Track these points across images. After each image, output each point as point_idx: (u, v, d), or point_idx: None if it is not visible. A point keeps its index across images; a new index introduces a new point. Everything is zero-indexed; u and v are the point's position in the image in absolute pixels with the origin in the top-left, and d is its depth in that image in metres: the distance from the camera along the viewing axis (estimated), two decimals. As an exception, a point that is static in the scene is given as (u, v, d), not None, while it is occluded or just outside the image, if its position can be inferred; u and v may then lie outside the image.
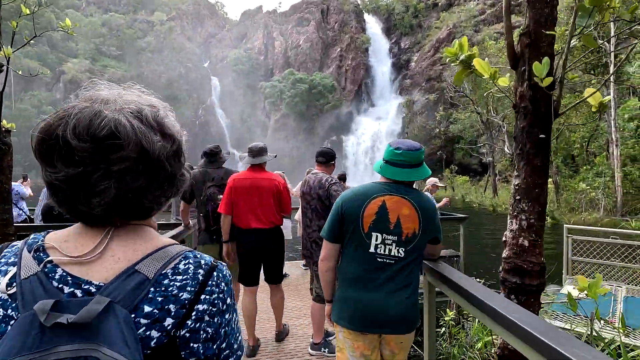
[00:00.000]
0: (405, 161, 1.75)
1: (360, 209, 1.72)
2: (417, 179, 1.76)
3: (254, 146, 3.30)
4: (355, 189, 1.79)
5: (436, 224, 1.77)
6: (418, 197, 1.75)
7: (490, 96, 22.64)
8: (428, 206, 1.74)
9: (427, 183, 5.47)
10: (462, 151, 34.48)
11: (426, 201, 1.76)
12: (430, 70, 50.30)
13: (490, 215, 18.23)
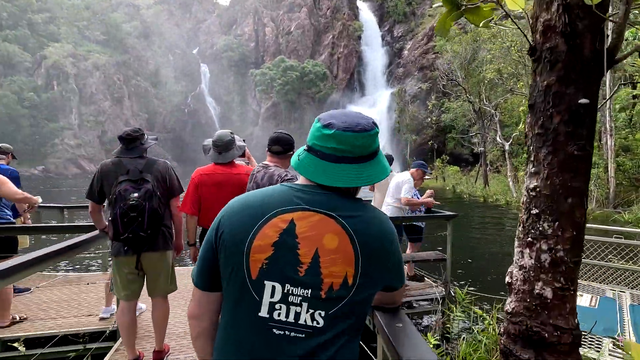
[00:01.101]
0: (341, 150, 0.94)
1: (246, 236, 0.91)
2: (364, 183, 0.95)
3: (220, 139, 2.86)
4: (245, 197, 0.99)
5: (391, 265, 0.96)
6: (360, 217, 0.93)
7: (483, 84, 22.15)
8: (378, 234, 0.93)
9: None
10: (453, 141, 34.13)
11: (376, 224, 0.94)
12: (423, 59, 49.59)
13: (481, 207, 17.92)
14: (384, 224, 0.95)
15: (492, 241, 10.05)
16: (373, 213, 0.95)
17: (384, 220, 0.95)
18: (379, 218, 0.95)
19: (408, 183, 4.57)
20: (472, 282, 6.20)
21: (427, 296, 4.24)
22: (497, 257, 8.30)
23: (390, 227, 0.95)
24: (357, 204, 0.95)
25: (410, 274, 4.84)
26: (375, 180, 0.96)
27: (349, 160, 0.94)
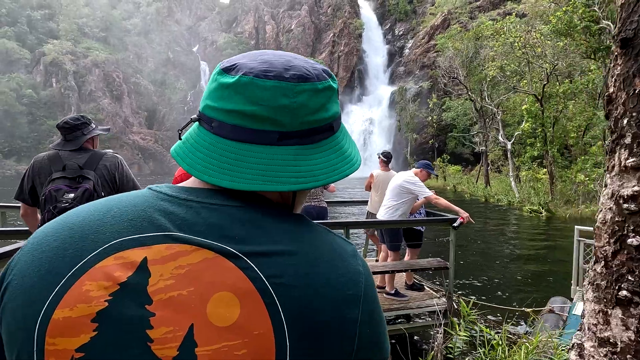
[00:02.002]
0: (256, 116, 0.48)
1: (40, 303, 0.42)
2: (304, 185, 0.48)
3: None
4: (62, 218, 0.48)
5: (360, 350, 0.45)
6: (290, 255, 0.45)
7: (485, 82, 21.73)
8: (330, 291, 0.44)
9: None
10: (454, 140, 33.70)
11: (326, 269, 0.46)
12: (424, 57, 49.17)
13: (482, 206, 17.52)
14: (343, 268, 0.46)
15: (495, 243, 9.66)
16: (319, 246, 0.47)
17: (345, 258, 0.48)
18: (334, 254, 0.47)
19: (418, 182, 4.09)
20: (474, 291, 5.82)
21: (426, 308, 3.86)
22: (502, 262, 7.90)
23: (357, 271, 0.47)
24: (288, 227, 0.48)
25: (409, 282, 4.46)
26: (329, 180, 0.50)
27: (274, 138, 0.48)
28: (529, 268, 7.57)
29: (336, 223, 4.05)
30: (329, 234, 0.51)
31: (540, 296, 5.44)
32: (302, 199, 0.57)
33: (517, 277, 6.93)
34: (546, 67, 17.18)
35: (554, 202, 15.94)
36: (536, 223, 13.24)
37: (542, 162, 19.81)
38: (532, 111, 17.49)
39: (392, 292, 4.13)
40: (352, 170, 0.54)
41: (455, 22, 42.07)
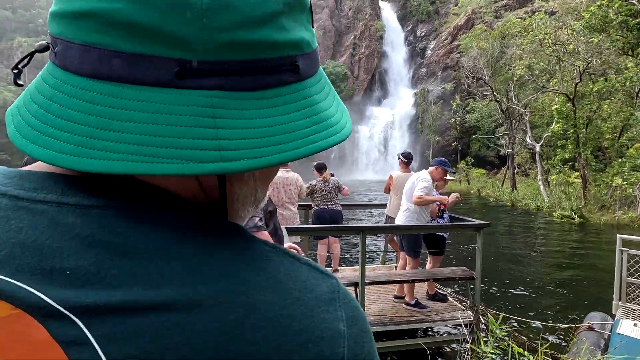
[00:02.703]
0: (116, 19, 0.27)
1: None
2: (225, 165, 0.28)
3: None
4: None
5: None
6: (202, 315, 0.26)
7: (511, 81, 20.91)
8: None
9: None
10: (478, 143, 32.71)
11: (239, 339, 0.27)
12: (447, 58, 48.27)
13: (509, 211, 16.77)
14: (308, 328, 0.28)
15: (523, 251, 9.11)
16: (262, 287, 0.28)
17: (312, 309, 0.29)
18: (290, 302, 0.29)
19: (424, 182, 3.86)
20: (502, 303, 5.42)
21: (450, 321, 3.55)
22: (531, 271, 7.41)
23: (335, 332, 0.29)
24: (198, 251, 0.28)
25: (431, 292, 4.15)
26: (286, 156, 0.30)
27: (169, 72, 0.28)
28: (562, 279, 7.05)
29: (352, 227, 3.83)
30: (290, 263, 0.31)
31: (576, 311, 4.98)
32: (252, 194, 0.36)
33: (549, 288, 6.44)
34: (579, 65, 16.30)
35: (588, 208, 15.05)
36: (568, 229, 12.49)
37: (574, 165, 18.84)
38: (563, 111, 16.64)
39: (412, 302, 3.84)
40: (333, 140, 0.32)
41: (480, 22, 41.02)
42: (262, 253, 0.30)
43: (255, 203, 0.38)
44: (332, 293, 0.31)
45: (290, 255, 0.32)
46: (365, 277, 3.31)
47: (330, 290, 0.31)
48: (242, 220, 0.38)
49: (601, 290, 5.75)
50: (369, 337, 0.31)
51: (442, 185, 4.15)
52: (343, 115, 0.36)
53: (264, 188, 0.38)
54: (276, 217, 1.82)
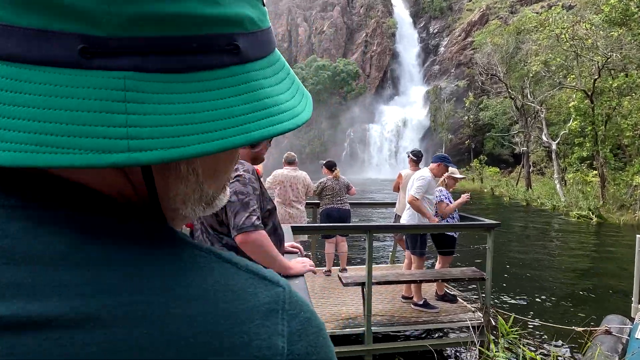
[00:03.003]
0: None
1: None
2: (134, 157, 0.24)
3: None
4: None
5: None
6: (96, 334, 0.22)
7: (527, 78, 20.43)
8: None
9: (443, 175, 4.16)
10: (492, 141, 32.11)
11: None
12: (460, 55, 47.55)
13: (523, 211, 16.41)
14: (235, 344, 0.25)
15: (538, 251, 8.89)
16: (180, 296, 0.25)
17: (244, 322, 0.26)
18: (216, 314, 0.25)
19: (419, 180, 3.80)
20: (514, 305, 5.28)
21: (460, 323, 3.47)
22: (546, 273, 7.21)
23: (268, 351, 0.26)
24: (103, 257, 0.25)
25: (440, 292, 4.07)
26: (216, 145, 0.26)
27: (72, 50, 0.24)
28: (578, 280, 6.85)
29: (359, 227, 3.78)
30: (223, 270, 0.28)
31: (593, 314, 4.82)
32: (196, 191, 0.32)
33: (564, 290, 6.26)
34: (597, 60, 15.80)
35: (606, 207, 14.60)
36: (585, 230, 12.14)
37: (592, 163, 18.30)
38: (581, 108, 16.17)
39: (420, 302, 3.77)
40: (277, 129, 0.29)
41: (495, 17, 40.24)
42: (188, 259, 0.27)
43: (203, 201, 0.34)
44: (274, 304, 0.28)
45: (228, 261, 0.29)
46: (372, 277, 3.26)
47: (271, 300, 0.28)
48: (187, 220, 0.36)
49: (620, 292, 5.55)
50: (322, 355, 0.28)
51: (452, 184, 4.06)
52: (302, 103, 0.33)
53: (215, 184, 0.34)
54: (275, 215, 1.78)
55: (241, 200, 1.55)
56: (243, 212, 1.52)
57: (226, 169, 0.35)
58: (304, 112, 0.32)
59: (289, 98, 0.31)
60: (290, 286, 0.30)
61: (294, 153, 4.86)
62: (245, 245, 1.52)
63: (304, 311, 0.29)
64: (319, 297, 4.10)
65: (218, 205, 0.37)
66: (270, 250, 1.54)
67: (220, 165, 0.34)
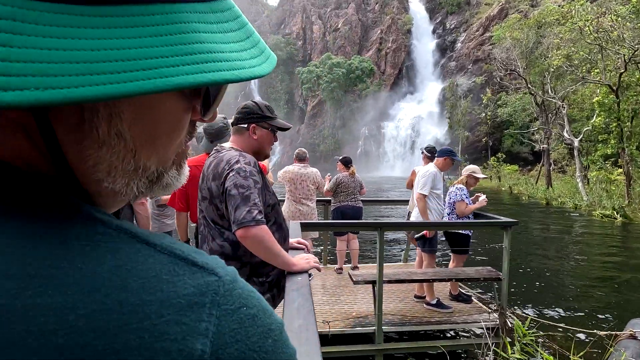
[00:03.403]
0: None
1: None
2: (10, 96, 0.20)
3: (210, 125, 2.54)
4: None
5: None
6: None
7: (548, 73, 19.78)
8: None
9: (463, 172, 4.05)
10: (511, 138, 31.33)
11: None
12: (478, 50, 46.61)
13: (543, 210, 15.93)
14: (132, 339, 0.21)
15: (558, 252, 8.59)
16: (63, 276, 0.21)
17: (159, 315, 0.22)
18: (113, 300, 0.22)
19: (424, 177, 3.74)
20: (532, 307, 5.10)
21: (474, 324, 3.36)
22: (566, 274, 6.96)
23: (186, 352, 0.22)
24: None
25: (454, 292, 3.96)
26: (125, 88, 0.23)
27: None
28: (602, 282, 6.57)
29: (369, 224, 3.70)
30: (133, 252, 0.24)
31: (616, 317, 4.61)
32: (126, 158, 0.28)
33: (586, 291, 6.02)
34: (624, 53, 15.13)
35: (632, 207, 14.01)
36: (609, 230, 11.68)
37: (617, 161, 17.59)
38: (606, 104, 15.54)
39: (432, 302, 3.67)
40: (205, 77, 0.25)
41: (514, 11, 39.19)
42: (84, 238, 0.23)
43: (143, 176, 0.30)
44: (200, 295, 0.23)
45: (144, 242, 0.25)
46: (383, 275, 3.19)
47: (196, 291, 0.23)
48: (124, 198, 0.31)
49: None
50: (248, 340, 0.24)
51: (473, 183, 3.94)
52: (258, 59, 0.29)
53: (156, 155, 0.30)
54: (279, 210, 1.74)
55: (241, 193, 1.50)
56: (243, 206, 1.48)
57: (168, 137, 0.30)
58: (257, 68, 0.29)
59: (235, 49, 0.28)
60: (234, 275, 0.26)
61: (307, 150, 4.82)
62: (245, 240, 1.48)
63: (248, 306, 0.25)
64: (329, 295, 4.06)
65: (172, 185, 0.33)
66: (271, 245, 1.49)
67: (157, 131, 0.29)
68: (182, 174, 0.34)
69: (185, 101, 0.30)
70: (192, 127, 0.34)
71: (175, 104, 0.30)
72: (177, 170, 0.33)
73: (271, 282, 1.64)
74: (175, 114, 0.30)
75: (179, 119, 0.31)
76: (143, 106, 0.27)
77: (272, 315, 0.27)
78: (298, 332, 0.92)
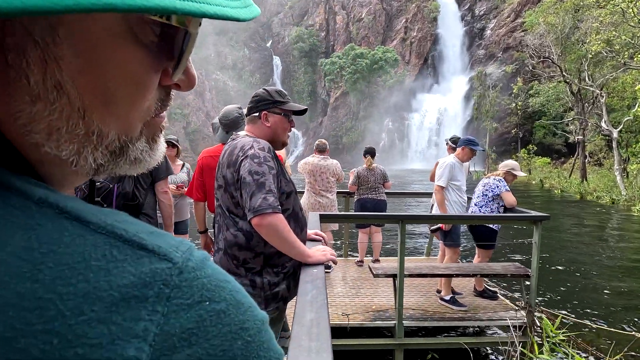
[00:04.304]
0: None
1: None
2: None
3: (225, 115, 2.59)
4: None
5: None
6: None
7: (585, 60, 18.64)
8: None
9: (501, 167, 3.86)
10: (543, 129, 29.95)
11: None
12: (508, 38, 44.70)
13: (577, 205, 15.16)
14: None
15: (592, 249, 8.16)
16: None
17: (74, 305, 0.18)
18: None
19: (443, 168, 3.61)
20: (562, 306, 4.86)
21: (500, 322, 3.23)
22: (601, 272, 6.59)
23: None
24: None
25: (479, 288, 3.82)
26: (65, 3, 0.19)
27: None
28: (639, 283, 6.18)
29: (391, 216, 3.62)
30: (57, 230, 0.20)
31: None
32: (72, 113, 0.24)
33: (624, 291, 5.68)
34: (671, 37, 14.04)
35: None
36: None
37: (660, 153, 16.45)
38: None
39: (446, 298, 3.56)
40: (195, 7, 0.22)
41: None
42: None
43: (100, 144, 0.25)
44: (144, 287, 0.19)
45: (75, 218, 0.20)
46: (404, 269, 3.11)
47: (139, 280, 0.19)
48: (66, 167, 0.25)
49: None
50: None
51: (510, 180, 3.76)
52: (236, 2, 0.26)
53: (114, 119, 0.25)
54: (296, 199, 1.70)
55: (256, 180, 1.46)
56: (259, 193, 1.44)
57: (128, 98, 0.26)
58: (233, 10, 0.25)
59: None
60: (200, 261, 0.22)
61: (329, 142, 4.75)
62: (260, 228, 1.44)
63: (212, 300, 0.21)
64: (349, 288, 4.02)
65: (143, 160, 0.29)
66: (287, 235, 1.45)
67: (112, 87, 0.25)
68: (155, 149, 0.30)
69: (145, 52, 0.25)
70: (165, 94, 0.29)
71: (131, 54, 0.24)
72: (148, 143, 0.29)
73: (286, 273, 1.61)
74: (133, 66, 0.25)
75: (140, 75, 0.26)
76: (89, 51, 0.23)
77: (249, 311, 0.22)
78: (309, 327, 0.88)
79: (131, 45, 0.24)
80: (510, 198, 3.60)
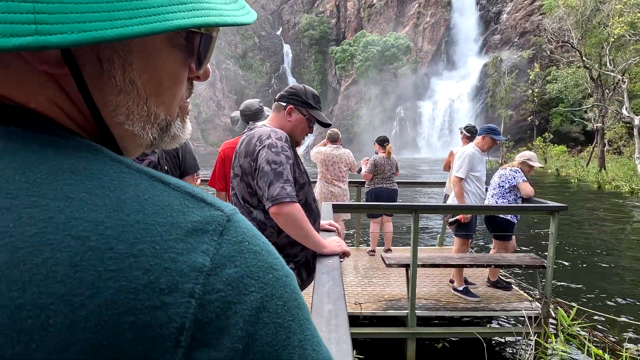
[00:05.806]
0: None
1: None
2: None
3: (247, 107, 2.69)
4: None
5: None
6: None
7: (607, 43, 17.95)
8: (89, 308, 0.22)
9: (519, 157, 3.78)
10: (560, 117, 29.16)
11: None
12: (525, 22, 43.27)
13: (594, 194, 14.81)
14: (149, 258, 0.25)
15: (610, 240, 7.99)
16: (85, 199, 0.26)
17: (164, 237, 0.26)
18: (126, 220, 0.26)
19: (463, 158, 3.54)
20: (577, 298, 4.80)
21: (514, 313, 3.21)
22: (620, 265, 6.46)
23: (187, 269, 0.25)
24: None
25: (493, 279, 3.79)
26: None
27: None
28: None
29: (404, 206, 3.59)
30: (150, 186, 0.29)
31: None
32: (139, 104, 0.34)
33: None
34: (699, 19, 13.38)
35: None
36: (671, 216, 10.66)
37: (684, 141, 15.86)
38: (674, 77, 13.92)
39: (460, 288, 3.54)
40: (207, 20, 0.31)
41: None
42: (111, 173, 0.28)
43: (155, 122, 0.35)
44: (205, 224, 0.28)
45: (160, 181, 0.29)
46: (417, 259, 3.11)
47: (202, 220, 0.28)
48: (142, 142, 0.36)
49: None
50: (269, 291, 0.27)
51: (527, 171, 3.68)
52: (240, 11, 0.34)
53: (163, 104, 0.35)
54: (310, 190, 1.70)
55: (274, 169, 1.47)
56: (277, 182, 1.45)
57: (171, 88, 0.35)
58: (240, 17, 0.33)
59: (219, 2, 0.33)
60: (241, 218, 0.30)
61: (340, 131, 4.72)
62: (278, 217, 1.45)
63: (250, 243, 0.28)
64: (361, 277, 4.04)
65: (178, 136, 0.39)
66: (304, 224, 1.46)
67: (161, 81, 0.34)
68: (185, 127, 0.40)
69: (180, 53, 0.34)
70: (190, 84, 0.39)
71: (171, 55, 0.34)
72: (181, 122, 0.39)
73: (298, 263, 1.63)
74: (174, 65, 0.35)
75: (178, 71, 0.35)
76: (147, 56, 0.32)
77: (278, 260, 0.30)
78: (327, 318, 0.89)
79: (170, 49, 0.34)
80: (528, 188, 3.53)
